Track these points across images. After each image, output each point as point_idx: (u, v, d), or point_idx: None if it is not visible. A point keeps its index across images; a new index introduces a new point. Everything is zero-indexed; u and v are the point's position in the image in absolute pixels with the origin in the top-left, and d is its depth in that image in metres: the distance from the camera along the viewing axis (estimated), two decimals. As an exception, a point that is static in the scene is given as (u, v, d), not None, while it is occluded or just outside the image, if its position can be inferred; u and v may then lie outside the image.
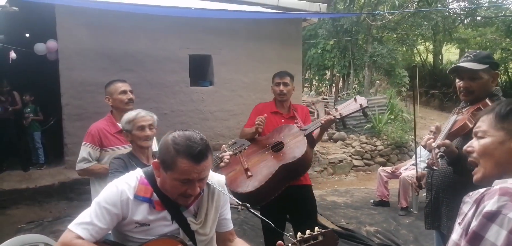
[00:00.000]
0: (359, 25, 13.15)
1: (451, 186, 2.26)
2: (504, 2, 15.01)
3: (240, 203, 1.83)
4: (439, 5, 13.89)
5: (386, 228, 5.17)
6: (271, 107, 3.38)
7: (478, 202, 1.16)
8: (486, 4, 15.07)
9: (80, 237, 1.51)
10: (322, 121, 2.94)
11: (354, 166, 8.98)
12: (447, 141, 2.06)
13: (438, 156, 2.04)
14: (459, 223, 1.24)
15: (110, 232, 1.67)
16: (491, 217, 1.08)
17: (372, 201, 6.20)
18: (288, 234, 1.67)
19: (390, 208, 5.96)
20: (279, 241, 1.60)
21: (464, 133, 2.14)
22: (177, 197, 1.61)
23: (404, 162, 7.17)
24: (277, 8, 7.43)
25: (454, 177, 2.23)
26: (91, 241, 1.53)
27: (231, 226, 1.90)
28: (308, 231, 1.63)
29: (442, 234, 2.37)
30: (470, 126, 2.10)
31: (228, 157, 2.77)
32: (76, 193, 6.01)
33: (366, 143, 9.49)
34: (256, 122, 3.10)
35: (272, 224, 1.80)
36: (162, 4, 6.40)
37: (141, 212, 1.61)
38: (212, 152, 1.63)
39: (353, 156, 9.12)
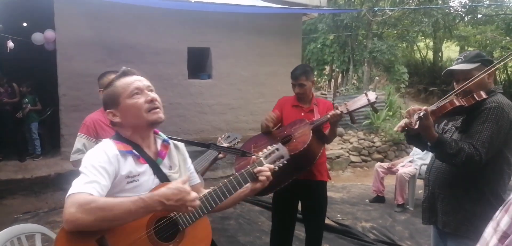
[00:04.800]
0: (359, 20, 13.11)
1: (446, 182, 2.29)
2: (504, 0, 14.98)
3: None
4: (440, 2, 13.86)
5: (382, 224, 5.17)
6: (293, 101, 3.43)
7: None
8: (487, 2, 15.01)
9: (91, 194, 1.42)
10: (329, 116, 2.93)
11: (351, 162, 8.98)
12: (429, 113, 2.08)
13: (417, 118, 2.04)
14: (505, 211, 1.17)
15: None
16: None
17: (367, 199, 6.21)
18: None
19: (386, 204, 5.97)
20: (253, 156, 1.82)
21: (451, 109, 2.16)
22: (146, 114, 1.61)
23: (401, 158, 7.16)
24: (278, 2, 7.40)
25: (449, 173, 2.26)
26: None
27: (198, 180, 1.93)
28: (268, 147, 1.88)
29: (438, 229, 2.41)
30: (457, 104, 2.12)
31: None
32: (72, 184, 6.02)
33: (364, 139, 9.50)
34: (266, 118, 3.17)
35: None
36: (161, -4, 6.37)
37: (129, 164, 1.58)
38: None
39: (350, 151, 9.12)
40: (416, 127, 2.06)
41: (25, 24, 8.26)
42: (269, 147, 1.88)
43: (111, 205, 1.39)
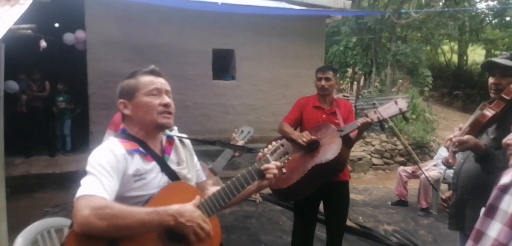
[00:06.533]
0: (383, 23, 12.98)
1: (477, 188, 2.18)
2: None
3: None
4: (467, 5, 13.59)
5: (405, 228, 5.12)
6: (314, 101, 3.35)
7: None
8: (516, 5, 14.63)
9: (105, 199, 1.38)
10: (359, 124, 2.87)
11: (373, 164, 8.93)
12: (464, 137, 2.04)
13: (453, 155, 2.02)
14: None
15: None
16: (505, 189, 1.15)
17: (390, 202, 6.17)
18: None
19: (409, 208, 5.92)
20: (260, 153, 1.83)
21: (485, 123, 2.11)
22: (157, 116, 1.60)
23: (425, 162, 7.09)
24: (302, 4, 7.44)
25: (480, 178, 2.17)
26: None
27: (204, 177, 1.91)
28: (274, 142, 1.89)
29: (465, 236, 2.26)
30: (489, 115, 2.07)
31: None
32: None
33: (386, 142, 9.42)
34: (304, 139, 3.02)
35: None
36: (188, -2, 6.49)
37: (136, 162, 1.56)
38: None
39: (372, 154, 9.07)
40: (455, 164, 2.07)
41: (57, 25, 8.51)
42: (274, 143, 1.88)
43: (125, 213, 1.36)
